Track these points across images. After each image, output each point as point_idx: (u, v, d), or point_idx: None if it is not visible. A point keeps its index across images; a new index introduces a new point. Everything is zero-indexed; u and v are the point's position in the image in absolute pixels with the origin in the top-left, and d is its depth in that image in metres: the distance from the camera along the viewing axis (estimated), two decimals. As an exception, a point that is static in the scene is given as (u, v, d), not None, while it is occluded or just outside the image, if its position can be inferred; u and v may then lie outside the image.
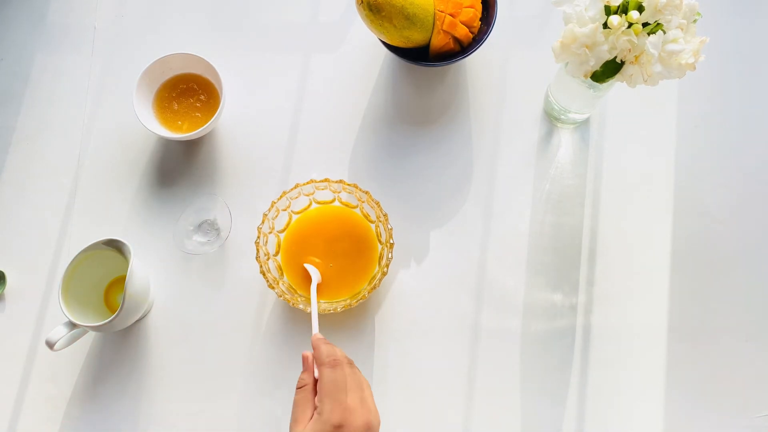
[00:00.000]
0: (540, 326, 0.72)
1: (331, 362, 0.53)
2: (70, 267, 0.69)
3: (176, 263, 0.76)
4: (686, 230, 0.75)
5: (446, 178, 0.77)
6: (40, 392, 0.73)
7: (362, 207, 0.72)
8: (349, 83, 0.82)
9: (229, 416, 0.71)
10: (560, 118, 0.77)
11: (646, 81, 0.58)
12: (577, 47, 0.58)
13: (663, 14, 0.56)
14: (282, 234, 0.73)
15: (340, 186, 0.70)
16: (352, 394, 0.52)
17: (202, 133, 0.76)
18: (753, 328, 0.72)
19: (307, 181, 0.70)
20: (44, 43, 0.86)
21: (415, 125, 0.80)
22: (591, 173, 0.77)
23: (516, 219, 0.76)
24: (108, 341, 0.74)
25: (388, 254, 0.67)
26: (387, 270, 0.67)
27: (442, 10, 0.71)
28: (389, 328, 0.73)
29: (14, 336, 0.75)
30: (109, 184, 0.80)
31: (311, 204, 0.74)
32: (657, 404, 0.70)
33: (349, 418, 0.50)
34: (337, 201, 0.74)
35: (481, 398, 0.71)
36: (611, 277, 0.73)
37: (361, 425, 0.50)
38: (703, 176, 0.76)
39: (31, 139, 0.82)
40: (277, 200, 0.70)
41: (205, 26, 0.85)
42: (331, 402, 0.51)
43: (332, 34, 0.84)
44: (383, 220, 0.69)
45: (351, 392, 0.52)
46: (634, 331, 0.72)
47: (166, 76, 0.79)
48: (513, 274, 0.74)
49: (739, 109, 0.78)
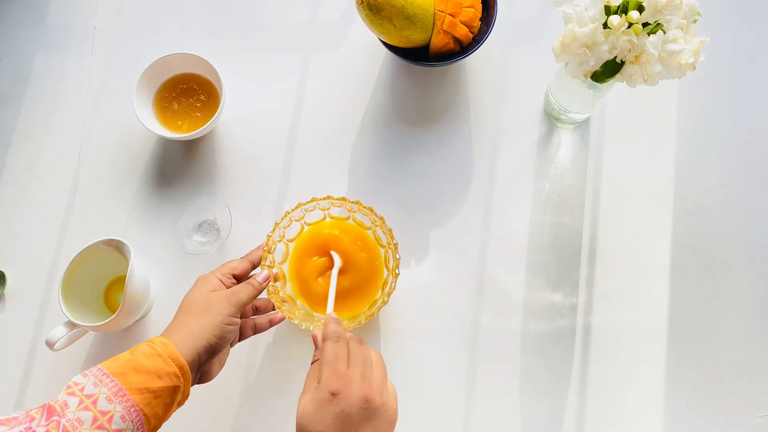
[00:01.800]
0: (540, 326, 0.72)
1: (334, 337, 0.54)
2: (70, 267, 0.69)
3: (176, 263, 0.76)
4: (686, 230, 0.75)
5: (446, 178, 0.77)
6: (40, 392, 0.73)
7: (354, 216, 0.72)
8: (349, 83, 0.82)
9: (228, 418, 0.71)
10: (560, 118, 0.77)
11: (646, 81, 0.58)
12: (577, 47, 0.58)
13: (663, 14, 0.56)
14: (292, 243, 0.73)
15: (327, 202, 0.70)
16: (354, 368, 0.52)
17: (202, 133, 0.76)
18: (753, 328, 0.72)
19: (309, 200, 0.69)
20: (44, 43, 0.86)
21: (414, 125, 0.80)
22: (591, 173, 0.77)
23: (516, 219, 0.76)
24: (108, 341, 0.74)
25: (395, 255, 0.67)
26: (399, 272, 0.67)
27: (442, 10, 0.71)
28: (389, 328, 0.73)
29: (14, 336, 0.75)
30: (109, 184, 0.80)
31: (326, 217, 0.73)
32: (657, 404, 0.70)
33: (346, 387, 0.50)
34: (329, 218, 0.73)
35: (481, 398, 0.71)
36: (611, 277, 0.73)
37: (357, 397, 0.50)
38: (702, 176, 0.76)
39: (31, 139, 0.82)
40: (291, 211, 0.69)
41: (205, 26, 0.85)
42: (329, 370, 0.51)
43: (332, 34, 0.84)
44: (380, 224, 0.69)
45: (353, 365, 0.52)
46: (634, 331, 0.72)
47: (166, 76, 0.79)
48: (513, 274, 0.74)
49: (738, 109, 0.78)
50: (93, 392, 0.50)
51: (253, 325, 0.66)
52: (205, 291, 0.60)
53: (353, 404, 0.49)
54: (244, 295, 0.60)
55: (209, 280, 0.61)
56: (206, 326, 0.57)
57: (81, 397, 0.50)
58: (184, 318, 0.58)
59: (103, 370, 0.51)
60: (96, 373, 0.51)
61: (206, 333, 0.56)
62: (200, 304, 0.58)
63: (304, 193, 0.76)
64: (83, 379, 0.51)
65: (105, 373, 0.51)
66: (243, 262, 0.64)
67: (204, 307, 0.58)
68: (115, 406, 0.50)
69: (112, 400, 0.50)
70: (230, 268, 0.63)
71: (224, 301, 0.58)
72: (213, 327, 0.57)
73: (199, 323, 0.57)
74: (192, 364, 0.55)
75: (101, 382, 0.50)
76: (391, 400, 0.52)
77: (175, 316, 0.59)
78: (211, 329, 0.57)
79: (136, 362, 0.52)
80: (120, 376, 0.51)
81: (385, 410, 0.51)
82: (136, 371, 0.52)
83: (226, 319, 0.58)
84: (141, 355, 0.53)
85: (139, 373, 0.52)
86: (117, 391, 0.50)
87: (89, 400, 0.49)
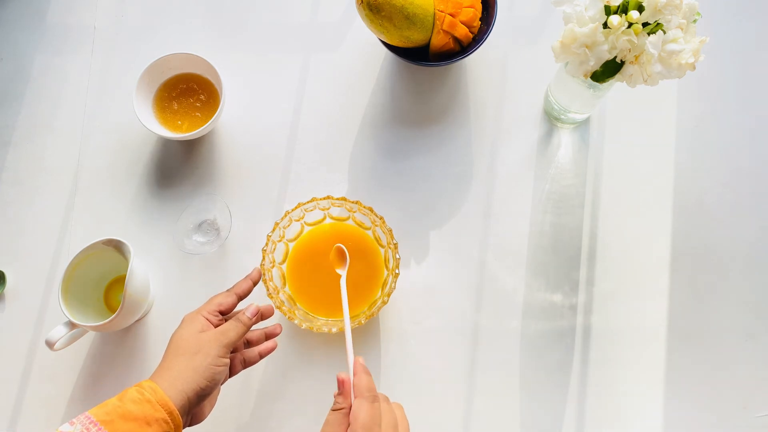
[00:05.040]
0: (540, 326, 0.72)
1: (371, 397, 0.53)
2: (70, 267, 0.69)
3: (176, 263, 0.76)
4: (686, 230, 0.75)
5: (446, 178, 0.77)
6: (40, 392, 0.73)
7: (354, 216, 0.72)
8: (349, 83, 0.82)
9: (228, 418, 0.71)
10: (560, 118, 0.77)
11: (646, 81, 0.58)
12: (577, 47, 0.58)
13: (663, 14, 0.56)
14: (292, 243, 0.73)
15: (327, 202, 0.70)
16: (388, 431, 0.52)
17: (202, 133, 0.76)
18: (753, 328, 0.72)
19: (309, 199, 0.69)
20: (44, 43, 0.86)
21: (414, 125, 0.80)
22: (591, 173, 0.77)
23: (516, 219, 0.76)
24: (108, 341, 0.74)
25: (395, 255, 0.67)
26: (398, 271, 0.67)
27: (442, 10, 0.71)
28: (389, 328, 0.73)
29: (14, 336, 0.75)
30: (109, 183, 0.80)
31: (326, 218, 0.73)
32: (657, 404, 0.70)
33: None
34: (329, 218, 0.73)
35: (480, 398, 0.71)
36: (611, 277, 0.73)
37: None
38: (702, 176, 0.76)
39: (31, 139, 0.82)
40: (291, 211, 0.69)
41: (205, 26, 0.85)
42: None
43: (332, 34, 0.84)
44: (380, 224, 0.69)
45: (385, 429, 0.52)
46: (634, 331, 0.72)
47: (166, 76, 0.79)
48: (513, 274, 0.74)
49: (738, 109, 0.78)
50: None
51: (242, 360, 0.65)
52: (193, 332, 0.58)
53: None
54: (233, 335, 0.59)
55: (196, 320, 0.60)
56: (196, 369, 0.56)
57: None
58: (172, 360, 0.56)
59: (90, 417, 0.51)
60: (84, 421, 0.50)
61: (196, 376, 0.55)
62: (189, 345, 0.57)
63: (304, 193, 0.76)
64: (70, 428, 0.50)
65: (93, 421, 0.50)
66: (229, 296, 0.63)
67: (193, 349, 0.57)
68: None
69: None
70: (216, 305, 0.62)
71: (214, 343, 0.57)
72: (203, 369, 0.56)
73: (188, 366, 0.56)
74: (182, 408, 0.54)
75: (88, 430, 0.50)
76: None
77: (164, 358, 0.58)
78: (201, 372, 0.56)
79: (124, 409, 0.51)
80: (108, 424, 0.50)
81: None
82: (124, 419, 0.51)
83: (215, 360, 0.57)
84: (129, 401, 0.52)
85: (127, 420, 0.51)
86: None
87: None
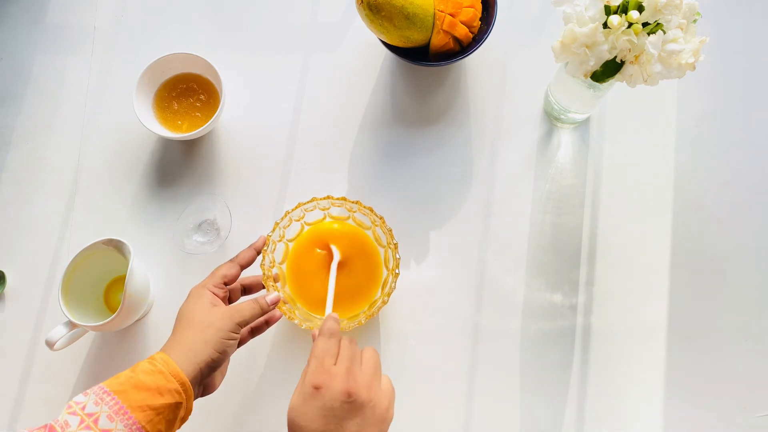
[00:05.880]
0: (540, 326, 0.72)
1: (327, 333, 0.55)
2: (70, 267, 0.69)
3: (176, 263, 0.76)
4: (686, 230, 0.75)
5: (446, 178, 0.77)
6: (40, 392, 0.73)
7: (354, 216, 0.72)
8: (348, 83, 0.82)
9: (228, 417, 0.71)
10: (560, 118, 0.77)
11: (646, 81, 0.58)
12: (577, 47, 0.58)
13: (663, 14, 0.56)
14: (291, 243, 0.73)
15: (327, 202, 0.70)
16: (340, 364, 0.52)
17: (202, 133, 0.76)
18: (753, 328, 0.72)
19: (309, 200, 0.69)
20: (44, 43, 0.86)
21: (414, 125, 0.80)
22: (591, 173, 0.77)
23: (516, 219, 0.76)
24: (108, 341, 0.74)
25: (395, 255, 0.67)
26: (398, 271, 0.67)
27: (442, 10, 0.71)
28: (389, 328, 0.73)
29: (14, 336, 0.75)
30: (109, 183, 0.80)
31: (326, 218, 0.73)
32: (657, 404, 0.70)
33: (329, 381, 0.50)
34: (329, 218, 0.73)
35: (480, 398, 0.71)
36: (611, 277, 0.73)
37: (340, 391, 0.50)
38: (702, 176, 0.76)
39: (31, 139, 0.82)
40: (291, 211, 0.69)
41: (205, 26, 0.85)
42: (316, 365, 0.52)
43: (332, 34, 0.84)
44: (380, 224, 0.69)
45: (340, 362, 0.52)
46: (634, 331, 0.72)
47: (166, 76, 0.79)
48: (513, 274, 0.74)
49: (738, 109, 0.78)
50: (94, 411, 0.49)
51: (250, 329, 0.66)
52: (204, 305, 0.59)
53: (335, 398, 0.50)
54: (248, 314, 0.59)
55: (204, 294, 0.60)
56: (208, 341, 0.56)
57: (82, 416, 0.49)
58: (184, 333, 0.57)
59: (104, 388, 0.51)
60: (97, 391, 0.51)
61: (208, 348, 0.56)
62: (201, 319, 0.58)
63: (304, 193, 0.76)
64: (84, 398, 0.50)
65: (106, 391, 0.51)
66: (232, 267, 0.64)
67: (205, 323, 0.57)
68: (116, 424, 0.49)
69: (113, 418, 0.49)
70: (220, 277, 0.62)
71: (227, 319, 0.58)
72: (214, 342, 0.56)
73: (199, 338, 0.56)
74: (194, 379, 0.54)
75: (102, 400, 0.50)
76: (381, 397, 0.52)
77: (174, 331, 0.58)
78: (212, 344, 0.56)
79: (137, 380, 0.52)
80: (121, 393, 0.51)
81: (372, 406, 0.51)
82: (137, 389, 0.51)
83: (227, 334, 0.57)
84: (142, 372, 0.53)
85: (140, 390, 0.51)
86: (118, 410, 0.50)
87: (90, 419, 0.49)
